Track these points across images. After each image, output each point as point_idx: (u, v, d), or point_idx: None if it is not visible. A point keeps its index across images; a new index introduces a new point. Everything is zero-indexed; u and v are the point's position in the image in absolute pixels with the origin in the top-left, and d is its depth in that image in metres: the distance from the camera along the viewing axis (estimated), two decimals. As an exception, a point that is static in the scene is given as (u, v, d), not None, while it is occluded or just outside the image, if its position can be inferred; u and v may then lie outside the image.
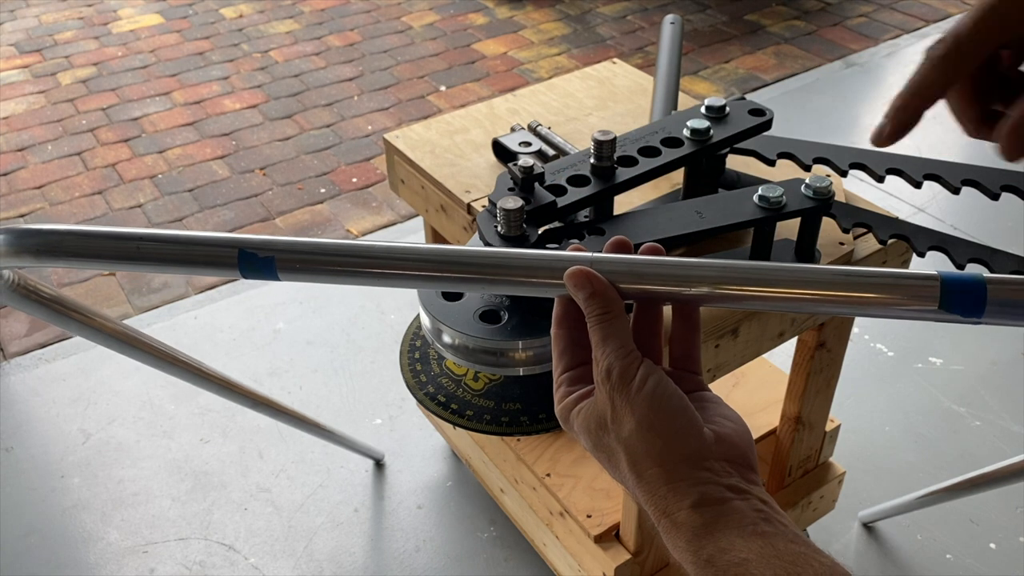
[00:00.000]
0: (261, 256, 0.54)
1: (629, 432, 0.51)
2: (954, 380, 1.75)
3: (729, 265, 0.52)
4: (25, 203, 2.36)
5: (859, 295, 0.50)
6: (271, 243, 0.55)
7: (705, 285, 0.51)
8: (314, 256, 0.55)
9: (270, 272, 0.54)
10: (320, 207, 2.34)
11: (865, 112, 2.67)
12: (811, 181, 0.82)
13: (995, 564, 1.43)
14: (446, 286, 0.56)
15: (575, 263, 0.53)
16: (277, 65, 3.01)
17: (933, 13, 3.21)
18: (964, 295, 0.49)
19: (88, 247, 0.57)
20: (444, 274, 0.54)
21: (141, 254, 0.56)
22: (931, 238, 0.89)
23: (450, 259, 0.54)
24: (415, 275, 0.55)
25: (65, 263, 0.58)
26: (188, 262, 0.56)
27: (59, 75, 2.96)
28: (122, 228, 0.58)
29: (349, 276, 0.55)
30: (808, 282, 0.50)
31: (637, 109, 1.25)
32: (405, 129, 1.21)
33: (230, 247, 0.55)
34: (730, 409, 0.55)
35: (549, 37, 3.17)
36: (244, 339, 1.90)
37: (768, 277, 0.51)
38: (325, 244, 0.55)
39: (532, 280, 0.54)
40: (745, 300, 0.51)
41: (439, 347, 0.78)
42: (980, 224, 2.13)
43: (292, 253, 0.55)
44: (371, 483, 1.60)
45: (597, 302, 0.52)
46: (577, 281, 0.53)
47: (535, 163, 0.80)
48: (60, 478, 1.62)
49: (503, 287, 0.54)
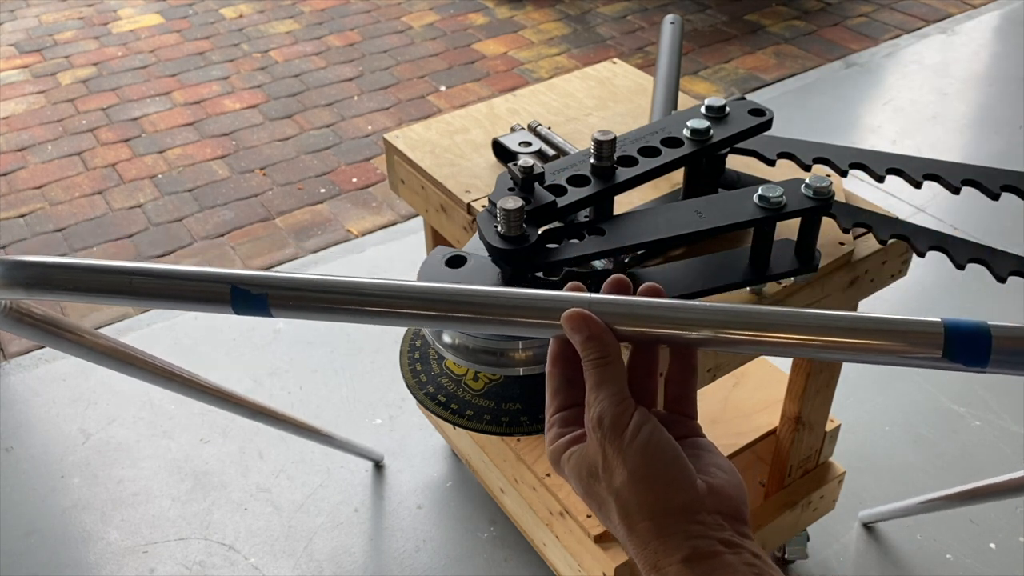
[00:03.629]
0: (254, 293, 0.54)
1: (621, 483, 0.50)
2: (954, 380, 1.75)
3: (729, 309, 0.51)
4: (25, 203, 2.36)
5: (860, 342, 0.49)
6: (264, 279, 0.54)
7: (705, 329, 0.51)
8: (308, 293, 0.54)
9: (263, 309, 0.54)
10: (320, 207, 2.34)
11: (865, 112, 2.67)
12: (811, 181, 0.81)
13: (995, 564, 1.43)
14: (441, 325, 0.55)
15: (573, 304, 0.52)
16: (277, 65, 3.01)
17: (933, 13, 3.21)
18: (968, 344, 0.48)
19: (79, 280, 0.56)
20: (439, 313, 0.54)
21: (133, 288, 0.55)
22: (931, 238, 0.89)
23: (445, 298, 0.54)
24: (410, 314, 0.54)
25: (56, 296, 0.57)
26: (180, 297, 0.55)
27: (59, 75, 2.96)
28: (115, 262, 0.57)
29: (343, 314, 0.55)
30: (809, 327, 0.50)
31: (637, 109, 1.25)
32: (405, 129, 1.21)
33: (223, 283, 0.54)
34: (723, 458, 0.54)
35: (549, 37, 3.17)
36: (244, 339, 1.90)
37: (767, 322, 0.50)
38: (319, 281, 0.55)
39: (529, 320, 0.53)
40: (744, 345, 0.51)
41: (439, 347, 0.78)
42: (980, 224, 2.13)
43: (285, 290, 0.54)
44: (371, 483, 1.60)
45: (593, 346, 0.51)
46: (574, 324, 0.52)
47: (535, 163, 0.80)
48: (60, 478, 1.62)
49: (499, 327, 0.54)
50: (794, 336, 0.50)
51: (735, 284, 0.86)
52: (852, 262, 0.99)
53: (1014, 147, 2.48)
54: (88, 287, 0.56)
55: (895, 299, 1.93)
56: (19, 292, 0.58)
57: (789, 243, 0.88)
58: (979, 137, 2.55)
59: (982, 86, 2.79)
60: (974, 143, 2.53)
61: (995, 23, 3.15)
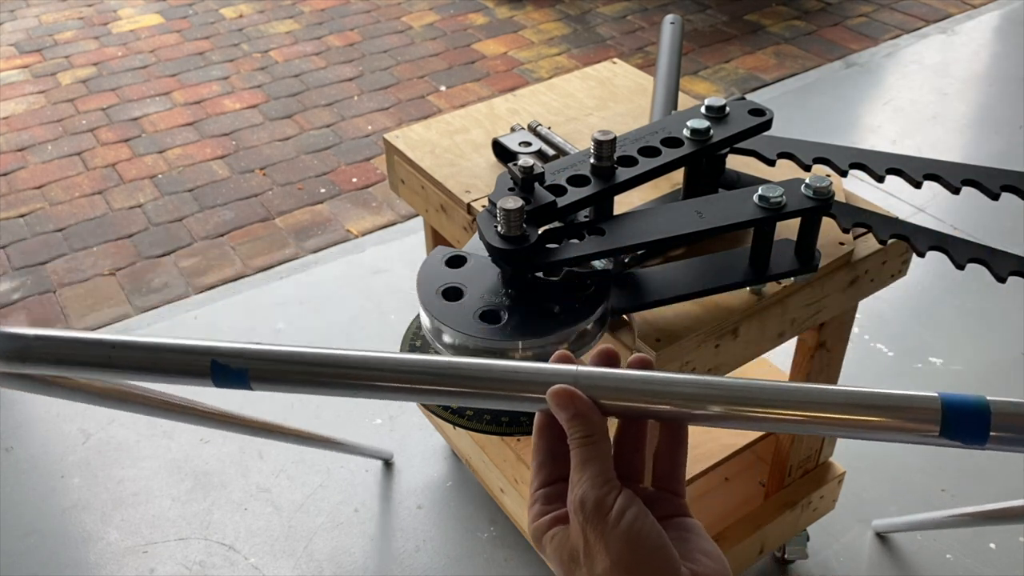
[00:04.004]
0: (234, 367, 0.53)
1: (602, 570, 0.47)
2: (954, 380, 1.75)
3: (720, 384, 0.50)
4: (25, 203, 2.36)
5: (849, 418, 0.48)
6: (245, 352, 0.54)
7: (694, 405, 0.49)
8: (289, 366, 0.53)
9: (243, 382, 0.53)
10: (320, 207, 2.34)
11: (865, 112, 2.67)
12: (811, 181, 0.81)
13: (995, 564, 1.43)
14: (424, 399, 0.54)
15: (558, 378, 0.51)
16: (277, 65, 3.01)
17: (933, 13, 3.21)
18: (965, 421, 0.47)
19: (59, 353, 0.55)
20: (422, 387, 0.53)
21: (112, 361, 0.54)
22: (931, 238, 0.89)
23: (428, 371, 0.53)
24: (393, 387, 0.53)
25: (36, 369, 0.56)
26: (161, 370, 0.54)
27: (59, 75, 2.96)
28: (95, 334, 0.56)
29: (325, 388, 0.54)
30: (800, 404, 0.49)
31: (637, 109, 1.25)
32: (405, 129, 1.21)
33: (203, 355, 0.53)
34: (710, 542, 0.52)
35: (549, 37, 3.17)
36: (244, 339, 1.89)
37: (759, 397, 0.49)
38: (300, 354, 0.54)
39: (514, 394, 0.52)
40: (735, 421, 0.50)
41: (439, 347, 0.78)
42: (980, 224, 2.13)
43: (266, 362, 0.53)
44: (371, 483, 1.60)
45: (579, 424, 0.49)
46: (559, 401, 0.50)
47: (535, 163, 0.80)
48: (60, 478, 1.62)
49: (483, 400, 0.52)
50: (786, 412, 0.49)
51: (735, 284, 0.87)
52: (852, 262, 0.99)
53: (1014, 147, 2.48)
54: (68, 360, 0.55)
55: (895, 299, 1.93)
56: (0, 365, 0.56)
57: (789, 243, 0.88)
58: (979, 137, 2.55)
59: (982, 86, 2.79)
60: (974, 143, 2.53)
61: (995, 23, 3.15)
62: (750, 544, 1.29)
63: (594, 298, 0.78)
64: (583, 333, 0.78)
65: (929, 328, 1.87)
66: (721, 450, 1.25)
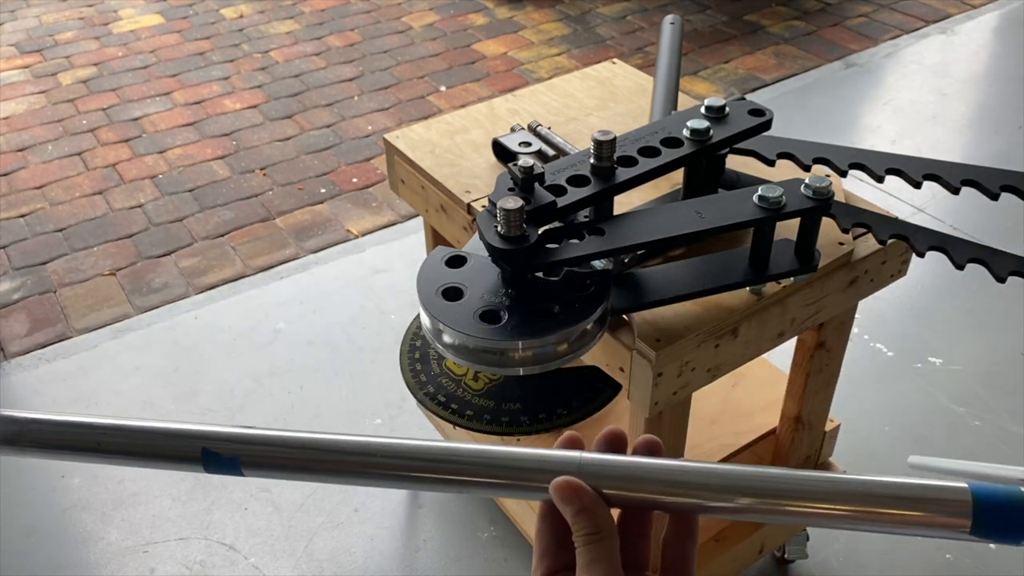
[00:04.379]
0: (225, 455, 0.52)
1: None
2: (953, 380, 1.75)
3: (736, 474, 0.47)
4: (25, 203, 2.37)
5: (870, 510, 0.45)
6: (237, 436, 0.52)
7: (708, 496, 0.47)
8: (282, 451, 0.52)
9: (235, 469, 0.52)
10: (320, 207, 2.34)
11: (865, 112, 2.67)
12: (811, 181, 0.82)
13: (995, 564, 1.44)
14: (423, 487, 0.52)
15: (562, 467, 0.49)
16: (277, 65, 3.01)
17: (933, 13, 3.21)
18: (999, 516, 0.42)
19: (49, 439, 0.55)
20: (421, 475, 0.51)
21: (102, 447, 0.54)
22: (930, 238, 0.89)
23: (427, 458, 0.51)
24: (390, 474, 0.51)
25: (26, 453, 0.55)
26: (150, 456, 0.54)
27: (59, 75, 2.96)
28: (87, 417, 0.55)
29: (319, 474, 0.52)
30: (818, 495, 0.46)
31: (637, 109, 1.25)
32: (405, 129, 1.21)
33: (194, 441, 0.52)
34: None
35: (549, 37, 3.17)
36: (244, 339, 1.90)
37: (774, 489, 0.46)
38: (293, 439, 0.52)
39: (516, 483, 0.50)
40: (751, 513, 0.47)
41: (439, 347, 0.78)
42: (980, 224, 2.13)
43: (259, 447, 0.52)
44: (371, 483, 1.60)
45: (585, 520, 0.47)
46: (563, 495, 0.48)
47: (535, 163, 0.80)
48: (60, 478, 1.62)
49: (484, 491, 0.51)
50: (802, 505, 0.46)
51: (735, 284, 0.87)
52: (852, 262, 0.99)
53: (1014, 147, 2.48)
54: (58, 445, 0.55)
55: (895, 299, 1.93)
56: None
57: (789, 243, 0.88)
58: (979, 137, 2.55)
59: (982, 86, 2.79)
60: (974, 143, 2.53)
61: (995, 23, 3.15)
62: (750, 544, 1.29)
63: (594, 298, 0.78)
64: (583, 333, 0.78)
65: (929, 328, 1.87)
66: (721, 450, 1.25)
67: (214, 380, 1.80)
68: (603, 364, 0.96)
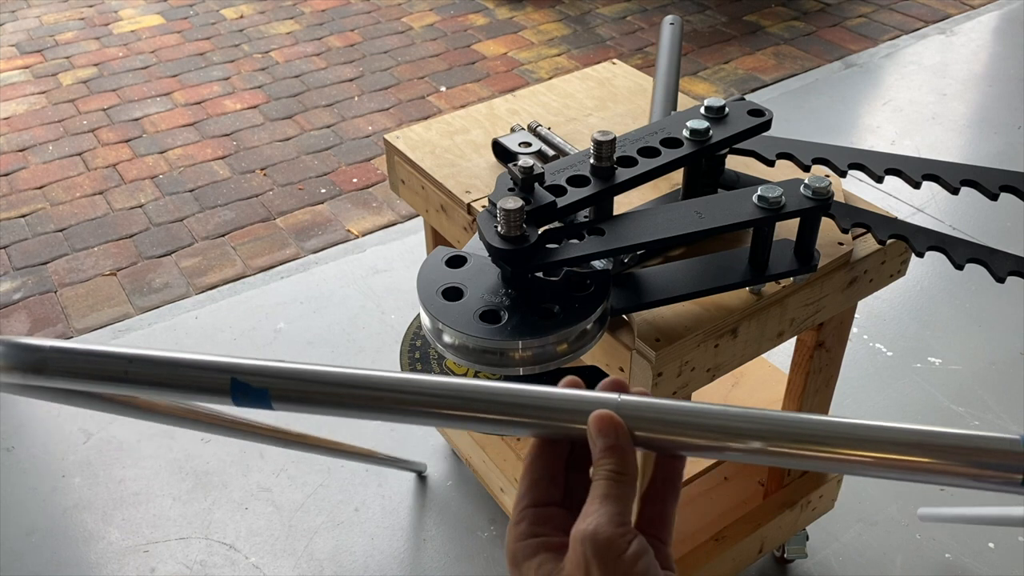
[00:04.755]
0: (255, 386, 0.51)
1: None
2: (953, 380, 1.75)
3: (779, 419, 0.46)
4: (26, 203, 2.37)
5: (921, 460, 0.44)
6: (267, 370, 0.52)
7: (754, 439, 0.46)
8: (312, 386, 0.52)
9: (264, 402, 0.51)
10: (320, 207, 2.34)
11: (864, 112, 2.67)
12: (810, 181, 0.82)
13: (994, 564, 1.44)
14: (453, 424, 0.51)
15: (600, 405, 0.48)
16: (278, 66, 3.01)
17: (932, 13, 3.21)
18: None
19: (75, 366, 0.54)
20: (451, 411, 0.50)
21: (130, 376, 0.53)
22: (930, 238, 0.89)
23: (458, 394, 0.50)
24: (421, 410, 0.51)
25: (51, 382, 0.54)
26: (179, 386, 0.53)
27: (60, 76, 2.97)
28: (112, 347, 0.54)
29: (350, 409, 0.52)
30: (864, 442, 0.45)
31: (637, 109, 1.25)
32: (405, 129, 1.21)
33: (223, 372, 0.52)
34: None
35: (549, 38, 3.17)
36: (245, 339, 1.90)
37: (825, 433, 0.46)
38: (324, 373, 0.52)
39: (552, 422, 0.49)
40: (799, 459, 0.46)
41: (440, 347, 0.78)
42: (979, 224, 2.13)
43: (288, 381, 0.52)
44: (371, 483, 1.60)
45: (614, 456, 0.47)
46: (602, 427, 0.47)
47: (535, 163, 0.81)
48: (61, 478, 1.62)
49: (519, 429, 0.50)
50: (847, 452, 0.45)
51: (735, 284, 0.87)
52: (851, 262, 0.99)
53: (1013, 147, 2.48)
54: (84, 373, 0.54)
55: (894, 299, 1.93)
56: (15, 377, 0.55)
57: (788, 243, 0.88)
58: (978, 137, 2.55)
59: (981, 86, 2.79)
60: (973, 143, 2.53)
61: (994, 24, 3.15)
62: (749, 543, 1.29)
63: (594, 298, 0.78)
64: (583, 333, 0.78)
65: (928, 328, 1.88)
66: (721, 450, 1.25)
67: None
68: (603, 364, 0.96)
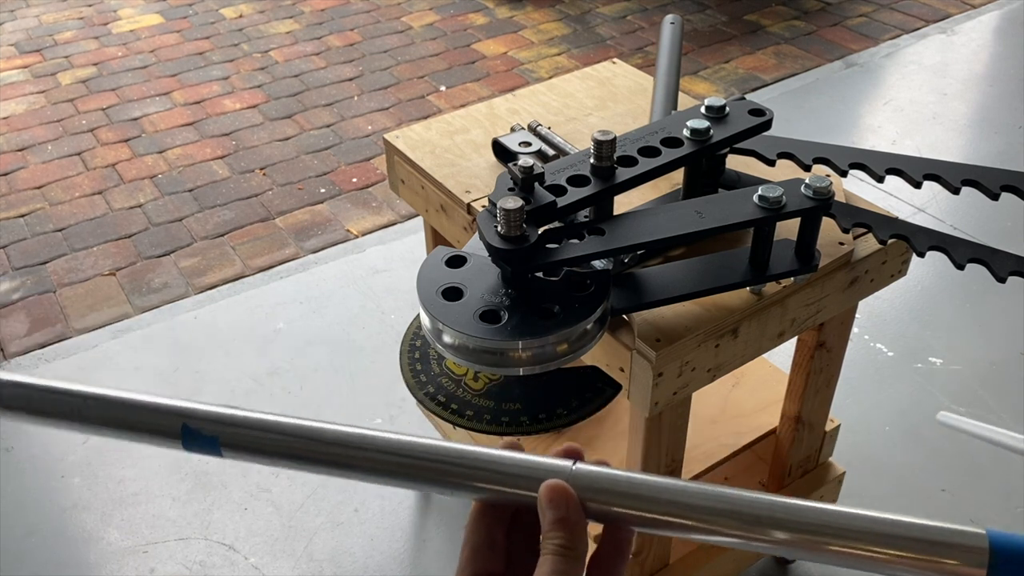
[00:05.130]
0: (206, 433, 0.50)
1: None
2: (953, 380, 1.75)
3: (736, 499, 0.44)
4: (25, 203, 2.37)
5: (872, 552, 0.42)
6: (219, 418, 0.51)
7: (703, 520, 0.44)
8: (264, 436, 0.50)
9: (214, 449, 0.50)
10: (320, 207, 2.34)
11: (865, 112, 2.67)
12: (811, 181, 0.82)
13: (995, 564, 1.43)
14: (405, 484, 0.50)
15: (553, 473, 0.46)
16: (277, 65, 3.01)
17: (933, 13, 3.21)
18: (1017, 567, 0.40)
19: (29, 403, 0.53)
20: (405, 470, 0.49)
21: (83, 415, 0.52)
22: (931, 238, 0.89)
23: (412, 454, 0.48)
24: (374, 469, 0.49)
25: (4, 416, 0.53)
26: (130, 428, 0.52)
27: (59, 75, 2.96)
28: (70, 384, 0.53)
29: (301, 462, 0.50)
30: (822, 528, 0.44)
31: (637, 109, 1.25)
32: (405, 129, 1.21)
33: (176, 417, 0.51)
34: None
35: (549, 37, 3.17)
36: (244, 339, 1.90)
37: (784, 516, 0.44)
38: (277, 424, 0.50)
39: (504, 488, 0.47)
40: (749, 541, 0.44)
41: (439, 347, 0.78)
42: (980, 224, 2.13)
43: (240, 429, 0.50)
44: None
45: (563, 531, 0.44)
46: (551, 497, 0.45)
47: (535, 163, 0.80)
48: (60, 478, 1.62)
49: (470, 492, 0.49)
50: (802, 536, 0.44)
51: (735, 284, 0.87)
52: (852, 262, 0.99)
53: (1014, 147, 2.48)
54: (38, 410, 0.53)
55: (895, 299, 1.93)
56: None
57: (789, 243, 0.88)
58: (979, 137, 2.55)
59: (982, 86, 2.79)
60: (974, 143, 2.53)
61: (995, 23, 3.15)
62: (750, 544, 1.29)
63: (594, 298, 0.78)
64: (583, 333, 0.78)
65: (929, 328, 1.87)
66: (721, 450, 1.25)
67: (214, 380, 1.80)
68: (603, 364, 0.96)
